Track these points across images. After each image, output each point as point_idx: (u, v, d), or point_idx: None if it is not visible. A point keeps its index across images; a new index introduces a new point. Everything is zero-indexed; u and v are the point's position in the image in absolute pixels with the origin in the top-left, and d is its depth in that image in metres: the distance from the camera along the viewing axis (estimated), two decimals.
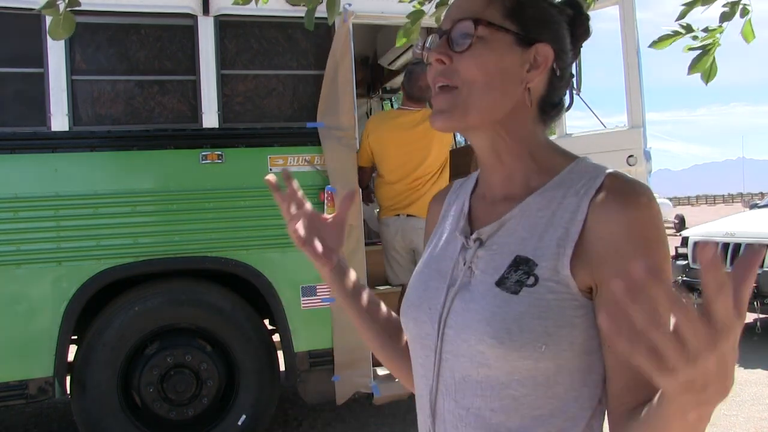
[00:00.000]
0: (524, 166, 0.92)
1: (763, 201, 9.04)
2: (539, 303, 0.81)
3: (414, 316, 0.94)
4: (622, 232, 0.80)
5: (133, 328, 3.45)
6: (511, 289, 0.83)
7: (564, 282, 0.82)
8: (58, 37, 1.56)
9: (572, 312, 0.82)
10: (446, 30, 0.91)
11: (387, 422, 4.17)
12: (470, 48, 0.88)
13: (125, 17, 3.49)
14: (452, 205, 1.04)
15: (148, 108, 3.54)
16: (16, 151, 3.32)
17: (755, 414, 4.25)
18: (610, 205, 0.81)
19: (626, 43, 3.89)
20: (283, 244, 3.61)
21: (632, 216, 0.80)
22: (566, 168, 0.90)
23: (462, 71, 0.88)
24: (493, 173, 0.95)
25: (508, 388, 0.83)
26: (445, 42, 0.90)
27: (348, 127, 3.72)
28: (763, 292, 5.63)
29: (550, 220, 0.85)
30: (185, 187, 3.53)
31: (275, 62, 3.71)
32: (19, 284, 3.30)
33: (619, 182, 0.84)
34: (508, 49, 0.88)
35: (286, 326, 3.63)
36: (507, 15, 0.89)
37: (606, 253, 0.80)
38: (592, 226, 0.82)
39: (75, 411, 3.45)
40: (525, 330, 0.80)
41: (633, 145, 3.79)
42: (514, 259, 0.85)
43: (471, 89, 0.88)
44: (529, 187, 0.91)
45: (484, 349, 0.83)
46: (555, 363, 0.82)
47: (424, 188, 4.04)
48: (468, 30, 0.88)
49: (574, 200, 0.85)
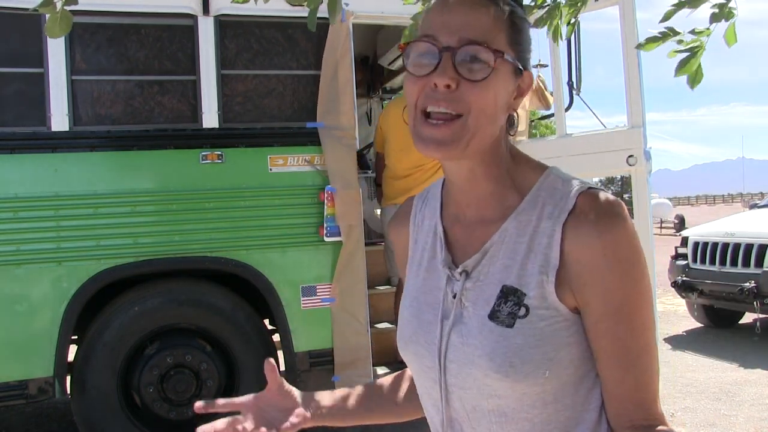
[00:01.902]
0: (500, 186, 0.91)
1: (763, 201, 9.04)
2: (534, 332, 0.84)
3: (413, 350, 0.95)
4: (599, 256, 0.82)
5: (133, 328, 3.45)
6: (505, 323, 0.85)
7: (553, 307, 0.84)
8: (55, 35, 1.55)
9: (565, 332, 0.85)
10: (450, 47, 0.83)
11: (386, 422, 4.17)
12: (486, 79, 0.83)
13: (125, 17, 3.49)
14: (421, 228, 1.02)
15: (148, 108, 3.54)
16: (16, 151, 3.32)
17: (755, 414, 4.25)
18: (585, 229, 0.83)
19: (626, 43, 3.89)
20: (283, 244, 3.61)
21: (608, 239, 0.82)
22: (536, 184, 0.89)
23: (472, 101, 0.83)
24: (466, 195, 0.93)
25: (521, 413, 0.87)
26: (451, 65, 0.83)
27: (348, 127, 3.72)
28: (763, 292, 5.63)
29: (529, 246, 0.86)
30: (185, 187, 3.53)
31: (275, 62, 3.71)
32: (19, 284, 3.30)
33: (591, 203, 0.84)
34: (509, 79, 0.87)
35: (286, 326, 3.63)
36: (509, 42, 0.86)
37: (585, 275, 0.83)
38: (569, 251, 0.84)
39: (75, 411, 3.44)
40: (527, 361, 0.83)
41: (633, 145, 3.79)
42: (501, 289, 0.86)
43: (479, 120, 0.84)
44: (504, 206, 0.90)
45: (490, 383, 0.86)
46: (560, 381, 0.85)
47: (424, 176, 4.04)
48: (486, 59, 0.83)
49: (548, 224, 0.85)
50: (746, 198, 38.13)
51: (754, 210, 7.89)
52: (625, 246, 0.82)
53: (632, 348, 0.84)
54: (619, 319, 0.83)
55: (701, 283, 6.21)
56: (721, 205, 54.79)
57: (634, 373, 0.85)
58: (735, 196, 73.13)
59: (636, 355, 0.84)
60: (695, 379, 5.04)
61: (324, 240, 3.65)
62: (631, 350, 0.84)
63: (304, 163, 3.69)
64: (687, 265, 6.50)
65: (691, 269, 6.44)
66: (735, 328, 6.84)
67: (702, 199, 76.52)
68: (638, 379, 0.85)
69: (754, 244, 5.90)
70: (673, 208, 31.52)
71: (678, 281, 6.41)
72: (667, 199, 32.22)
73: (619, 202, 0.85)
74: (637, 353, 0.85)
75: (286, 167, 3.65)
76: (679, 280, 6.40)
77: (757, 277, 5.68)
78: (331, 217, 3.65)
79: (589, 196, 0.85)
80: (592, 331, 0.85)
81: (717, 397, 4.58)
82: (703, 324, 6.95)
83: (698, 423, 4.10)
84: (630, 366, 0.84)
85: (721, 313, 6.71)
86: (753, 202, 10.53)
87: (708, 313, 6.79)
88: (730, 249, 6.08)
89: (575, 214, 0.84)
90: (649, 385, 0.86)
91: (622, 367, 0.84)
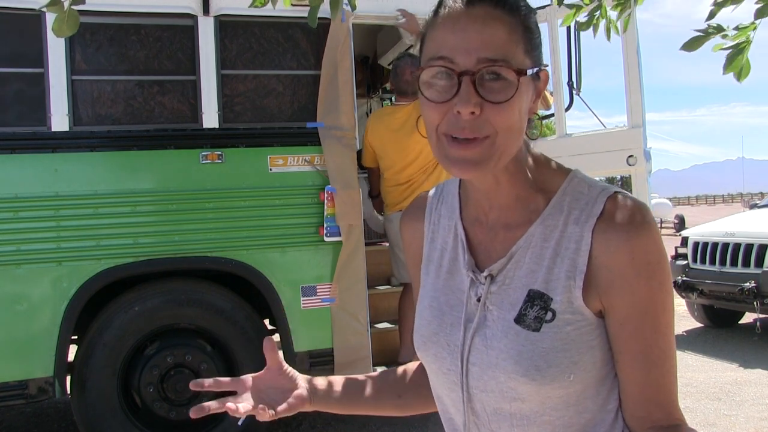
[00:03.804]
0: (524, 191, 0.91)
1: (763, 201, 9.04)
2: (561, 336, 0.85)
3: (434, 351, 0.95)
4: (627, 260, 0.83)
5: (133, 328, 3.45)
6: (532, 327, 0.85)
7: (578, 311, 0.85)
8: (63, 34, 1.55)
9: (590, 336, 0.86)
10: (469, 71, 0.79)
11: (387, 422, 4.17)
12: (511, 99, 0.80)
13: (125, 17, 3.49)
14: (438, 226, 1.01)
15: (148, 108, 3.54)
16: (16, 151, 3.32)
17: (755, 414, 4.25)
18: (614, 234, 0.84)
19: (626, 43, 3.89)
20: (283, 244, 3.61)
21: (636, 244, 0.83)
22: (560, 187, 0.89)
23: (498, 122, 0.81)
24: (491, 201, 0.93)
25: (543, 415, 0.88)
26: (473, 89, 0.79)
27: (348, 127, 3.72)
28: (763, 292, 5.63)
29: (555, 251, 0.87)
30: (185, 187, 3.53)
31: (275, 62, 3.71)
32: (19, 284, 3.30)
33: (619, 208, 0.85)
34: (529, 88, 0.85)
35: (286, 326, 3.63)
36: (527, 50, 0.83)
37: (612, 280, 0.84)
38: (597, 256, 0.84)
39: (75, 411, 3.44)
40: (553, 365, 0.84)
41: (633, 145, 3.79)
42: (528, 293, 0.87)
43: (507, 137, 0.82)
44: (528, 210, 0.90)
45: (515, 386, 0.86)
46: (583, 384, 0.86)
47: (423, 176, 4.04)
48: (508, 78, 0.80)
49: (576, 229, 0.86)
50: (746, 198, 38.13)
51: (754, 210, 7.89)
52: (652, 250, 0.83)
53: (656, 349, 0.85)
54: (644, 321, 0.84)
55: (701, 283, 6.22)
56: (721, 205, 54.81)
57: (656, 374, 0.86)
58: (735, 196, 73.14)
59: (659, 356, 0.86)
60: (695, 379, 5.05)
61: (324, 240, 3.65)
62: (655, 351, 0.85)
63: (304, 163, 3.69)
64: (687, 265, 6.50)
65: (691, 269, 6.44)
66: (735, 328, 6.84)
67: (702, 199, 76.52)
68: (660, 380, 0.86)
69: (754, 244, 5.90)
70: (673, 208, 31.49)
71: (678, 281, 6.41)
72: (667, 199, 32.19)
73: (646, 206, 0.85)
74: (660, 354, 0.86)
75: (286, 167, 3.65)
76: (679, 280, 6.40)
77: (757, 277, 5.68)
78: (331, 217, 3.65)
79: (617, 200, 0.86)
80: (617, 333, 0.86)
81: (717, 397, 4.58)
82: (703, 324, 6.95)
83: (698, 423, 4.10)
84: (653, 367, 0.86)
85: (721, 313, 6.71)
86: (753, 202, 10.53)
87: (708, 313, 6.79)
88: (730, 249, 6.08)
89: (603, 219, 0.85)
90: (670, 386, 0.87)
91: (645, 368, 0.85)
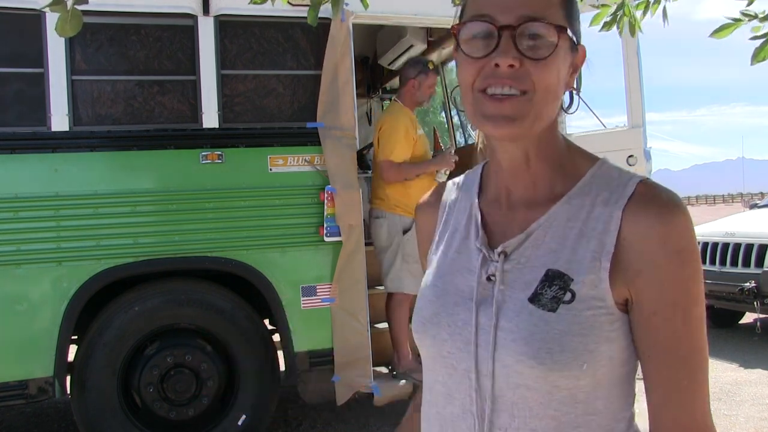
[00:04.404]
0: (551, 170, 0.88)
1: (763, 201, 9.04)
2: (578, 320, 0.80)
3: (432, 333, 0.89)
4: (658, 245, 0.79)
5: (133, 328, 3.45)
6: (548, 306, 0.81)
7: (601, 296, 0.80)
8: (66, 34, 1.55)
9: (608, 326, 0.81)
10: (509, 25, 0.80)
11: (387, 422, 4.17)
12: (550, 56, 0.80)
13: (125, 17, 3.48)
14: (453, 210, 0.98)
15: (148, 108, 3.54)
16: (16, 151, 3.32)
17: (755, 414, 4.25)
18: (647, 217, 0.80)
19: (626, 43, 3.89)
20: (283, 244, 3.61)
21: (669, 229, 0.79)
22: (589, 171, 0.87)
23: (538, 79, 0.80)
24: (516, 179, 0.90)
25: (547, 408, 0.82)
26: (512, 44, 0.79)
27: (348, 127, 3.72)
28: (763, 292, 5.63)
29: (581, 231, 0.83)
30: (185, 187, 3.53)
31: (275, 62, 3.71)
32: (19, 284, 3.30)
33: (652, 192, 0.82)
34: (567, 55, 0.84)
35: (286, 326, 3.63)
36: (566, 16, 0.83)
37: (642, 265, 0.80)
38: (627, 237, 0.81)
39: (75, 411, 3.45)
40: (566, 349, 0.79)
41: (633, 145, 3.80)
42: (545, 273, 0.83)
43: (544, 97, 0.81)
44: (553, 192, 0.87)
45: (522, 370, 0.81)
46: (594, 379, 0.81)
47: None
48: (548, 35, 0.80)
49: (605, 210, 0.83)
50: (746, 198, 38.14)
51: (754, 210, 7.89)
52: (686, 236, 0.79)
53: (686, 343, 0.80)
54: (675, 312, 0.79)
55: None
56: (721, 205, 54.78)
57: (687, 372, 0.81)
58: (735, 196, 73.13)
59: (689, 352, 0.81)
60: None
61: (324, 240, 3.64)
62: (685, 346, 0.80)
63: (304, 163, 3.69)
64: None
65: None
66: (735, 328, 6.84)
67: (702, 199, 76.53)
68: (692, 378, 0.81)
69: (754, 244, 5.90)
70: None
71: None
72: None
73: (677, 194, 0.83)
74: (691, 350, 0.81)
75: (286, 167, 3.65)
76: None
77: (757, 277, 5.68)
78: (331, 217, 3.65)
79: (648, 185, 0.83)
80: (644, 325, 0.81)
81: (717, 397, 4.58)
82: None
83: None
84: (684, 363, 0.81)
85: (721, 313, 6.70)
86: (753, 202, 10.53)
87: (708, 312, 6.78)
88: (730, 249, 6.08)
89: (635, 200, 0.81)
90: (702, 386, 0.82)
91: (674, 365, 0.80)
